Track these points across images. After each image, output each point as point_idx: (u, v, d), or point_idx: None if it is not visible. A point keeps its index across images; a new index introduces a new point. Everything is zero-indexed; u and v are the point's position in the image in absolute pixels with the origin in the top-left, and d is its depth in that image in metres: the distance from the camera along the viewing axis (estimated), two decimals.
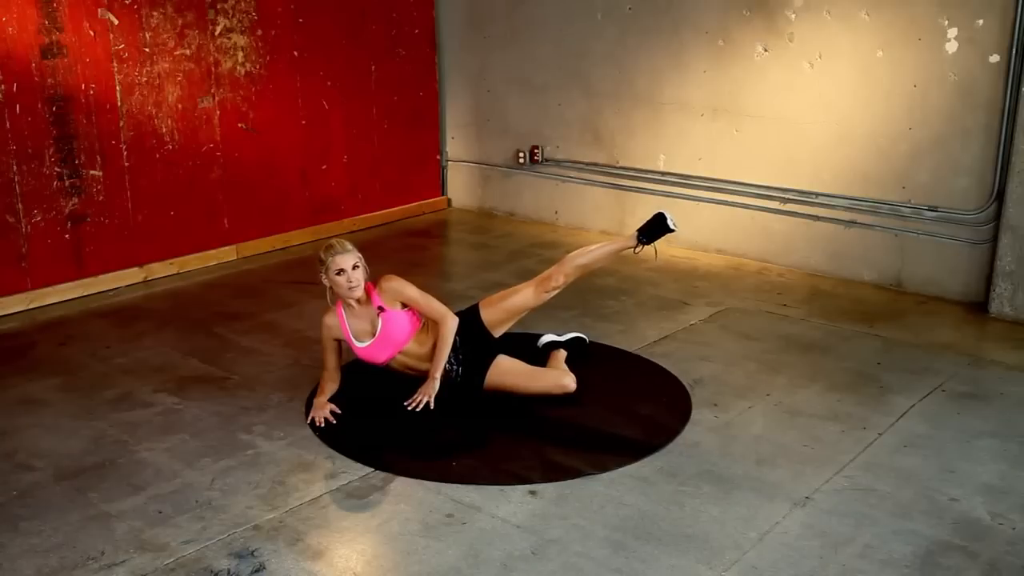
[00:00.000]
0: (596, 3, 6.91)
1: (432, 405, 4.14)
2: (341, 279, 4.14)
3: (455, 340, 4.27)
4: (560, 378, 4.32)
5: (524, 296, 4.44)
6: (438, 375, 4.20)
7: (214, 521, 3.43)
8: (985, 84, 5.41)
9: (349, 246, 4.22)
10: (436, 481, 3.68)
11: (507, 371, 4.33)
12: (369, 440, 4.02)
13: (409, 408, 4.13)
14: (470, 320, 4.38)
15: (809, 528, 3.36)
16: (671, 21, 6.58)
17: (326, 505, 3.54)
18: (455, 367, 4.33)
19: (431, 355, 4.25)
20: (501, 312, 4.42)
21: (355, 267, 4.16)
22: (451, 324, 4.24)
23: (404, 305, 4.26)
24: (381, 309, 4.21)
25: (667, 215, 4.63)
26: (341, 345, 4.33)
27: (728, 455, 3.88)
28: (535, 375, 4.34)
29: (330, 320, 4.30)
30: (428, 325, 4.32)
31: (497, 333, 4.42)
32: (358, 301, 4.23)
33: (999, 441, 3.98)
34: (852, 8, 5.78)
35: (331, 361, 4.34)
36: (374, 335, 4.24)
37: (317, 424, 4.13)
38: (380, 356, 4.29)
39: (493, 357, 4.33)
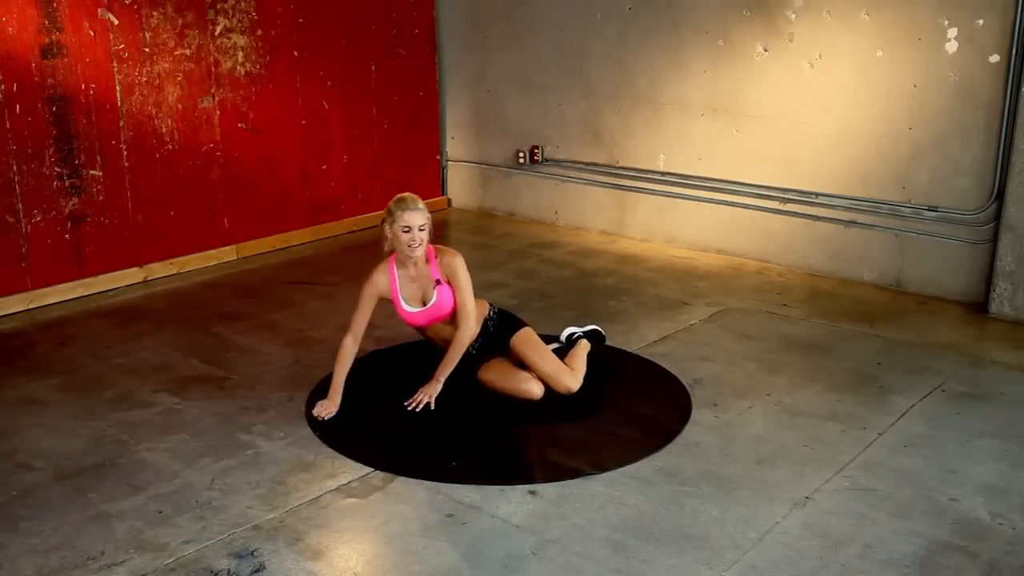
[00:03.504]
0: (596, 3, 6.91)
1: (432, 406, 4.14)
2: (405, 236, 4.09)
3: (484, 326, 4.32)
4: (566, 376, 4.27)
5: (533, 380, 4.27)
6: (443, 378, 4.21)
7: (214, 521, 3.43)
8: (985, 84, 5.41)
9: (421, 204, 4.15)
10: (436, 481, 3.68)
11: (529, 340, 4.31)
12: (369, 440, 4.02)
13: (409, 408, 4.13)
14: (502, 331, 4.36)
15: (809, 528, 3.36)
16: (671, 21, 6.58)
17: (326, 505, 3.54)
18: (475, 343, 4.32)
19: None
20: (522, 355, 4.32)
21: (422, 227, 4.10)
22: (468, 334, 4.24)
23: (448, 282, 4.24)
24: (439, 282, 4.19)
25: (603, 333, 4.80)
26: (377, 308, 4.26)
27: (728, 455, 3.88)
28: (549, 355, 4.31)
29: (380, 277, 4.23)
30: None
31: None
32: (415, 264, 4.19)
33: (999, 441, 3.98)
34: (852, 8, 5.78)
35: (361, 325, 4.26)
36: (424, 303, 4.23)
37: (317, 418, 4.13)
38: (421, 321, 4.28)
39: (519, 328, 4.36)
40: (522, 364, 4.32)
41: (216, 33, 6.34)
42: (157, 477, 3.74)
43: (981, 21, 5.36)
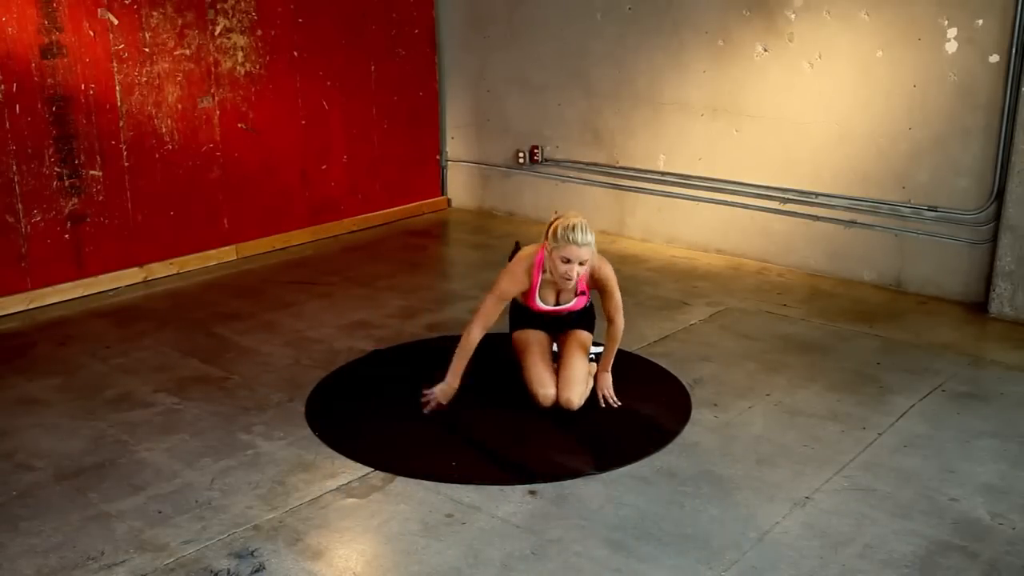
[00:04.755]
0: (596, 3, 6.91)
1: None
2: (562, 267, 3.96)
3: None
4: (579, 391, 4.21)
5: (551, 387, 4.24)
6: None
7: (214, 521, 3.43)
8: (985, 84, 5.41)
9: (590, 236, 3.95)
10: (436, 481, 3.68)
11: (585, 343, 4.36)
12: (369, 440, 4.02)
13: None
14: (586, 319, 4.42)
15: (809, 528, 3.36)
16: (671, 21, 6.59)
17: (326, 505, 3.54)
18: (573, 315, 4.35)
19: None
20: (568, 347, 4.35)
21: (583, 263, 3.96)
22: (620, 329, 4.22)
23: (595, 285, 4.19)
24: (583, 293, 4.19)
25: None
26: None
27: (728, 455, 3.88)
28: (584, 365, 4.31)
29: (522, 275, 4.15)
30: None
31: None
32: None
33: (999, 441, 3.98)
34: (852, 8, 5.78)
35: (492, 317, 4.12)
36: (558, 303, 4.23)
37: (431, 403, 4.13)
38: (549, 314, 4.29)
39: (585, 325, 4.42)
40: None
41: (216, 33, 6.34)
42: (157, 477, 3.74)
43: (981, 21, 5.36)
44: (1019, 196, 5.28)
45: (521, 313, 4.39)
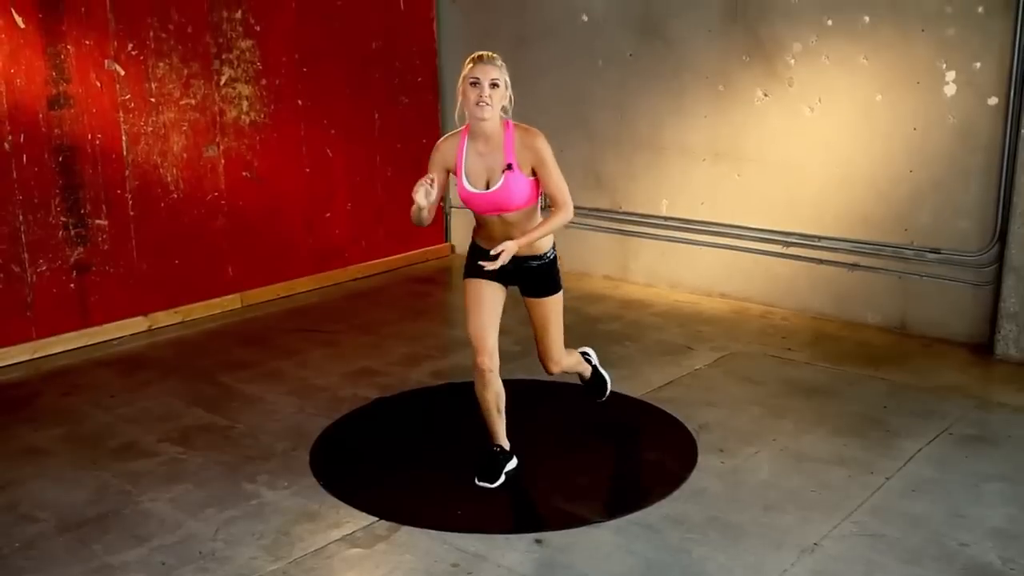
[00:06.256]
0: (597, 49, 6.98)
1: (506, 261, 3.73)
2: (473, 93, 3.69)
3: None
4: (561, 360, 4.13)
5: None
6: (523, 242, 3.79)
7: (218, 572, 3.40)
8: (984, 126, 5.44)
9: (499, 61, 3.76)
10: (441, 530, 3.65)
11: (558, 308, 4.08)
12: (374, 489, 4.00)
13: (488, 262, 3.74)
14: (551, 277, 4.09)
15: (818, 575, 3.32)
16: (671, 66, 6.64)
17: (331, 555, 3.51)
18: (533, 260, 4.00)
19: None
20: (543, 317, 4.13)
21: (493, 84, 3.72)
22: (565, 216, 3.86)
23: (533, 173, 3.85)
24: (509, 167, 3.77)
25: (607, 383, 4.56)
26: (447, 179, 3.88)
27: (735, 501, 3.86)
28: (561, 332, 4.11)
29: (447, 142, 3.85)
30: (535, 211, 3.96)
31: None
32: (485, 137, 3.80)
33: (1008, 485, 3.96)
34: (850, 53, 5.83)
35: (437, 187, 3.76)
36: (487, 187, 3.81)
37: (417, 200, 3.67)
38: (481, 207, 3.85)
39: (548, 294, 4.08)
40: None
41: (221, 83, 6.40)
42: (161, 528, 3.72)
43: (978, 64, 5.40)
44: (1021, 237, 5.28)
45: (475, 254, 4.00)
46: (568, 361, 4.28)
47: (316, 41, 6.90)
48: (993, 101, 5.39)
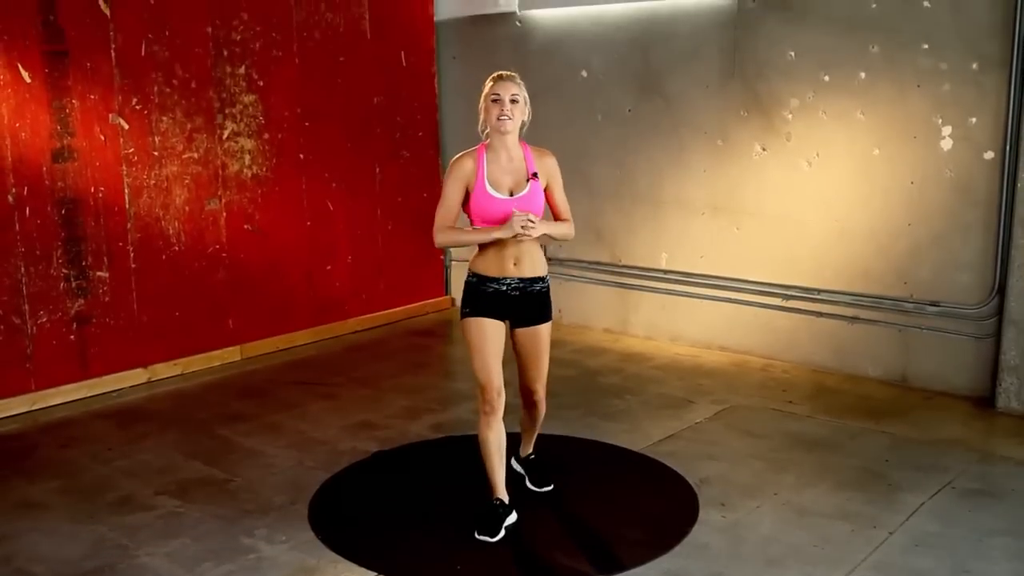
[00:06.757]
0: (596, 105, 7.05)
1: (533, 225, 3.85)
2: (494, 108, 3.91)
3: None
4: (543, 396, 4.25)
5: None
6: (548, 227, 3.98)
7: None
8: (981, 180, 5.48)
9: (518, 79, 3.98)
10: None
11: (547, 339, 4.15)
12: (372, 543, 3.96)
13: (523, 224, 3.87)
14: (543, 305, 4.16)
15: None
16: (670, 122, 6.71)
17: None
18: (527, 285, 4.11)
19: (532, 258, 4.07)
20: (531, 348, 4.18)
21: (513, 100, 3.92)
22: (572, 228, 4.18)
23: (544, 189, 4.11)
24: (535, 175, 4.02)
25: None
26: (463, 197, 4.02)
27: (737, 557, 3.82)
28: (547, 362, 4.20)
29: (466, 158, 4.00)
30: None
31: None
32: (507, 149, 3.99)
33: (1013, 539, 3.92)
34: (848, 108, 5.89)
35: (454, 210, 4.03)
36: (511, 193, 3.98)
37: (525, 229, 3.85)
38: (503, 214, 3.96)
39: (546, 320, 4.15)
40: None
41: (224, 137, 6.46)
42: None
43: (974, 119, 5.46)
44: (1020, 290, 5.29)
45: (474, 292, 4.17)
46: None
47: (318, 96, 6.98)
48: (989, 155, 5.43)
